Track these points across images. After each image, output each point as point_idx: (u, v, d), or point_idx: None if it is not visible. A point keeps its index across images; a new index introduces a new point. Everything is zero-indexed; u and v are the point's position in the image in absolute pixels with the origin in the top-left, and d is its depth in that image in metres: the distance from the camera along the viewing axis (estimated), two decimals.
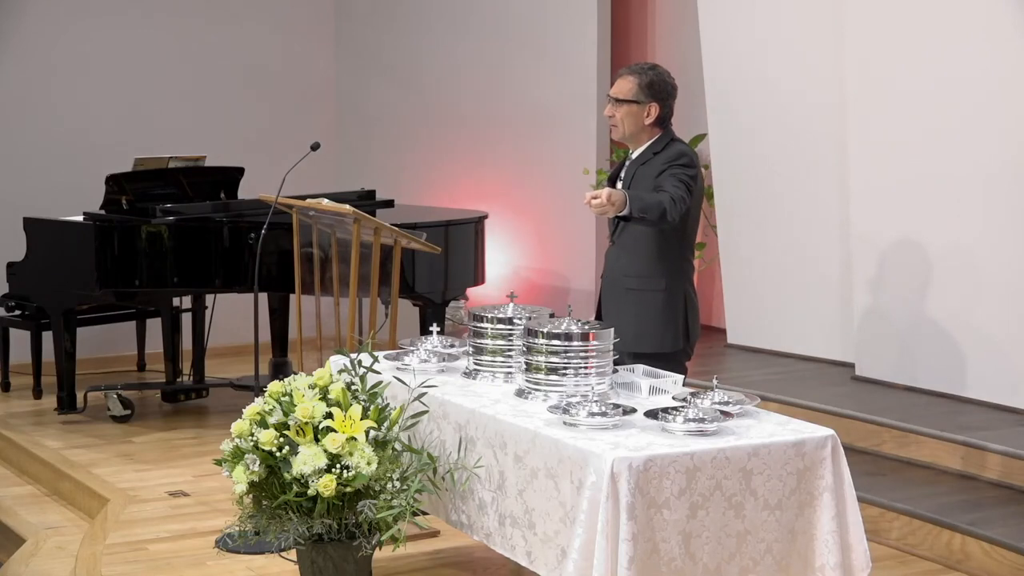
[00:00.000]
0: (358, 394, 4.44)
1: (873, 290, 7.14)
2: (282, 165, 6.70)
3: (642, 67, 5.10)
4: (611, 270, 5.15)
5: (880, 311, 7.11)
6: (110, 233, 7.41)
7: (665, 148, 5.05)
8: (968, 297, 6.66)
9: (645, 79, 5.05)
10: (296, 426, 4.33)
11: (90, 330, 8.39)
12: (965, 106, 6.60)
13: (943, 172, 6.74)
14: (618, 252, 5.12)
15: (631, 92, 5.04)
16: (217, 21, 9.65)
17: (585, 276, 8.98)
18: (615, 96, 5.07)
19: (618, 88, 5.08)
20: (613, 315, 5.05)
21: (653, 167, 5.00)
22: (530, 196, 9.16)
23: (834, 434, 4.06)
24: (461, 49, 9.53)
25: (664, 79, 5.07)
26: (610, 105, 5.10)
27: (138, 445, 7.24)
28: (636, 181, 5.02)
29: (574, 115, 8.96)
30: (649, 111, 5.04)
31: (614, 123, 5.10)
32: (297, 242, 6.50)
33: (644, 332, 5.00)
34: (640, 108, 5.03)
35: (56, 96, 9.14)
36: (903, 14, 6.87)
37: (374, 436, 4.34)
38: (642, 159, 5.07)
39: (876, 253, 7.08)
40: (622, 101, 5.05)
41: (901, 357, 6.99)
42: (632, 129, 5.07)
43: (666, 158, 4.99)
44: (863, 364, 7.21)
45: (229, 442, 4.46)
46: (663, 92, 5.06)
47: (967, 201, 6.64)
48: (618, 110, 5.06)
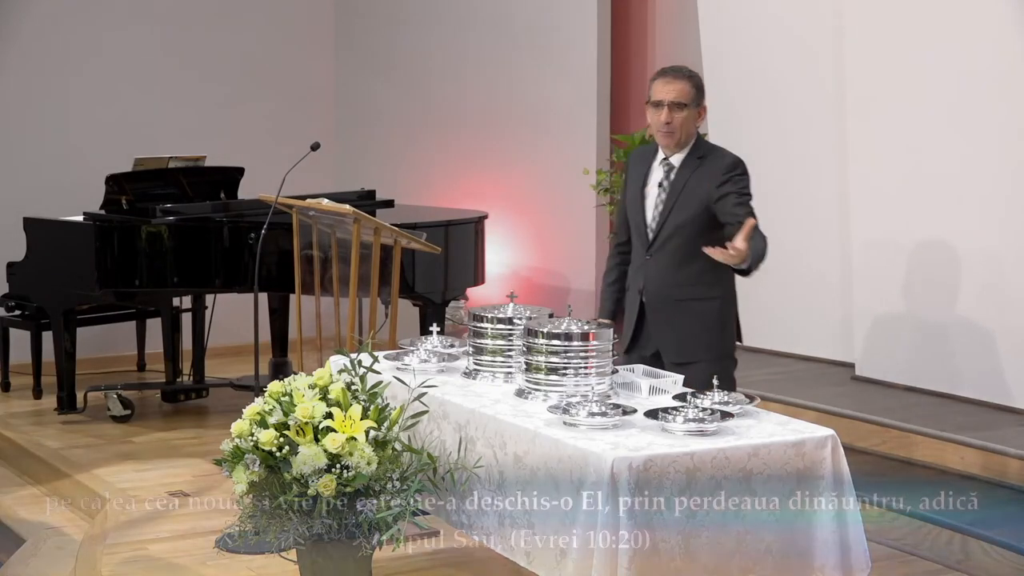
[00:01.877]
0: (358, 394, 4.44)
1: (873, 290, 7.14)
2: (282, 165, 6.70)
3: (685, 70, 4.92)
4: (654, 284, 4.95)
5: (880, 311, 7.11)
6: (110, 233, 7.41)
7: (708, 153, 4.91)
8: (968, 297, 6.66)
9: (697, 82, 4.89)
10: (296, 426, 4.33)
11: (90, 330, 8.39)
12: (966, 106, 6.60)
13: (943, 172, 6.74)
14: (659, 265, 4.93)
15: (689, 95, 4.86)
16: (217, 21, 9.65)
17: (585, 276, 8.98)
18: (677, 101, 4.84)
19: (677, 92, 4.85)
20: (662, 329, 4.94)
21: (706, 176, 4.84)
22: (530, 196, 9.16)
23: (834, 434, 4.06)
24: (461, 49, 9.53)
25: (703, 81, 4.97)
26: (666, 111, 4.84)
27: (138, 445, 7.24)
28: (689, 189, 4.86)
29: (574, 115, 8.96)
30: (700, 114, 4.93)
31: (671, 129, 4.85)
32: (297, 242, 6.50)
33: (702, 341, 4.90)
34: (694, 112, 4.88)
35: (56, 96, 9.14)
36: (903, 14, 6.87)
37: (374, 436, 4.34)
38: (688, 165, 4.90)
39: (876, 253, 7.08)
40: (684, 106, 4.84)
41: (901, 357, 6.99)
42: (688, 134, 4.88)
43: (722, 167, 4.83)
44: (863, 364, 7.21)
45: (229, 442, 4.45)
46: (704, 94, 4.95)
47: (967, 201, 6.64)
48: (679, 115, 4.84)
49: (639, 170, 5.06)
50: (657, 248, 4.95)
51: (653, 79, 4.95)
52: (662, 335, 4.95)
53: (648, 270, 4.98)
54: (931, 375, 6.86)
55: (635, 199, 5.03)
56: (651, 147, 5.07)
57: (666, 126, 4.86)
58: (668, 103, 4.84)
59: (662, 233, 4.92)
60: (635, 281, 5.05)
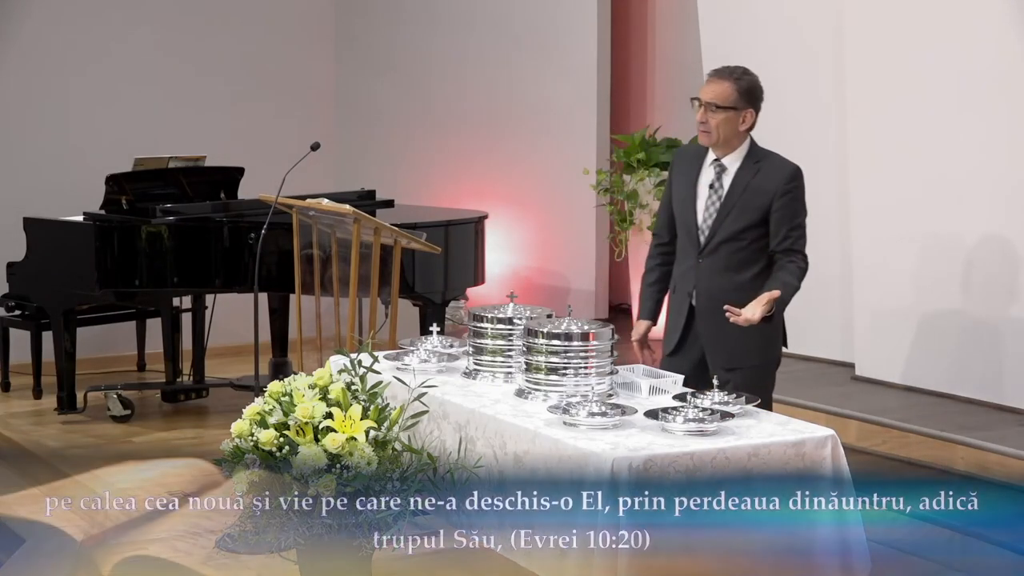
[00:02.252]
0: (358, 394, 4.43)
1: (873, 290, 7.14)
2: (282, 165, 6.69)
3: (736, 71, 4.85)
4: (706, 288, 4.87)
5: (880, 311, 7.11)
6: (110, 233, 7.40)
7: (765, 159, 4.85)
8: (969, 297, 6.66)
9: (743, 84, 4.81)
10: (296, 426, 4.33)
11: (90, 330, 8.38)
12: (966, 105, 6.60)
13: (943, 172, 6.74)
14: (711, 269, 4.86)
15: (730, 98, 4.79)
16: (217, 20, 9.65)
17: (585, 276, 8.99)
18: (713, 102, 4.80)
19: (714, 92, 4.81)
20: (713, 334, 4.87)
21: (766, 184, 4.80)
22: (530, 196, 9.16)
23: (834, 434, 4.06)
24: (461, 49, 9.53)
25: (759, 84, 4.87)
26: (703, 110, 4.81)
27: (138, 445, 7.23)
28: (748, 197, 4.81)
29: (574, 115, 8.96)
30: (745, 118, 4.82)
31: (706, 129, 4.82)
32: (297, 242, 6.50)
33: (752, 348, 4.84)
34: (737, 115, 4.80)
35: (56, 96, 9.14)
36: (903, 14, 6.87)
37: (374, 436, 4.34)
38: (746, 170, 4.84)
39: (876, 253, 7.08)
40: (721, 107, 4.79)
41: (901, 357, 6.99)
42: (727, 136, 4.82)
43: (783, 176, 4.81)
44: (863, 364, 7.21)
45: (229, 442, 4.45)
46: (758, 98, 4.86)
47: (968, 200, 6.64)
48: (714, 116, 4.79)
49: (688, 170, 4.98)
50: (709, 252, 4.88)
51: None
52: (712, 340, 4.88)
53: (700, 273, 4.90)
54: (931, 375, 6.85)
55: (687, 199, 4.94)
56: (698, 147, 4.98)
57: (701, 125, 4.83)
58: (704, 102, 4.81)
59: (715, 237, 4.86)
60: (684, 283, 4.96)
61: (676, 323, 4.98)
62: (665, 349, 5.01)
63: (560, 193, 9.01)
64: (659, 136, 8.74)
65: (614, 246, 8.92)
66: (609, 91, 9.02)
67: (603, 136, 8.95)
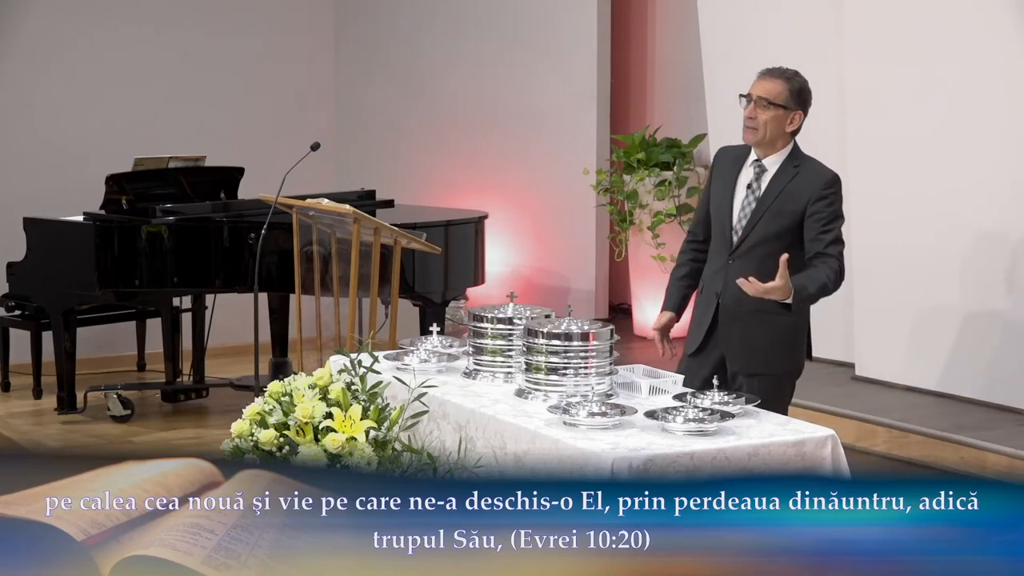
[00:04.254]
0: (358, 394, 4.44)
1: (873, 290, 7.14)
2: (282, 165, 6.69)
3: (788, 71, 4.79)
4: (733, 289, 4.72)
5: (880, 311, 7.11)
6: (110, 233, 7.41)
7: (804, 164, 4.76)
8: (968, 297, 6.66)
9: (795, 85, 4.75)
10: (296, 426, 4.33)
11: (90, 330, 8.38)
12: (965, 105, 6.60)
13: (943, 173, 6.74)
14: (742, 272, 4.68)
15: (781, 96, 4.72)
16: (217, 21, 9.64)
17: (585, 276, 8.99)
18: (765, 97, 4.72)
19: (766, 89, 4.73)
20: (734, 337, 4.80)
21: (803, 188, 4.70)
22: (530, 196, 9.16)
23: (834, 434, 4.06)
24: (461, 49, 9.53)
25: (809, 88, 4.80)
26: (752, 106, 4.73)
27: (138, 445, 7.23)
28: (783, 200, 4.71)
29: (574, 115, 8.96)
30: (793, 119, 4.74)
31: (754, 125, 4.73)
32: (297, 242, 6.50)
33: (771, 355, 4.78)
34: (786, 115, 4.72)
35: (56, 96, 9.13)
36: (902, 14, 6.87)
37: (374, 436, 4.34)
38: (784, 173, 4.75)
39: (876, 254, 7.08)
40: (772, 104, 4.71)
41: (901, 357, 6.99)
42: (773, 135, 4.73)
43: (821, 182, 4.70)
44: (863, 364, 7.21)
45: (229, 442, 4.46)
46: (808, 101, 4.78)
47: (968, 200, 6.64)
48: (764, 113, 4.70)
49: (728, 169, 4.89)
50: (741, 254, 4.79)
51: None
52: (732, 343, 4.81)
53: (729, 274, 4.78)
54: (931, 375, 6.86)
55: (724, 198, 4.85)
56: (742, 147, 4.90)
57: (749, 120, 4.74)
58: (755, 97, 4.73)
59: (748, 239, 4.77)
60: (712, 284, 4.88)
61: (700, 324, 4.89)
62: (687, 349, 4.95)
63: (560, 193, 9.01)
64: (659, 136, 8.74)
65: (614, 246, 8.93)
66: (609, 91, 9.02)
67: (603, 136, 8.95)
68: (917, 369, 6.91)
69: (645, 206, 8.52)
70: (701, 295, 4.95)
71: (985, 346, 6.60)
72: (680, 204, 8.48)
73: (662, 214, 8.47)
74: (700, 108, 8.28)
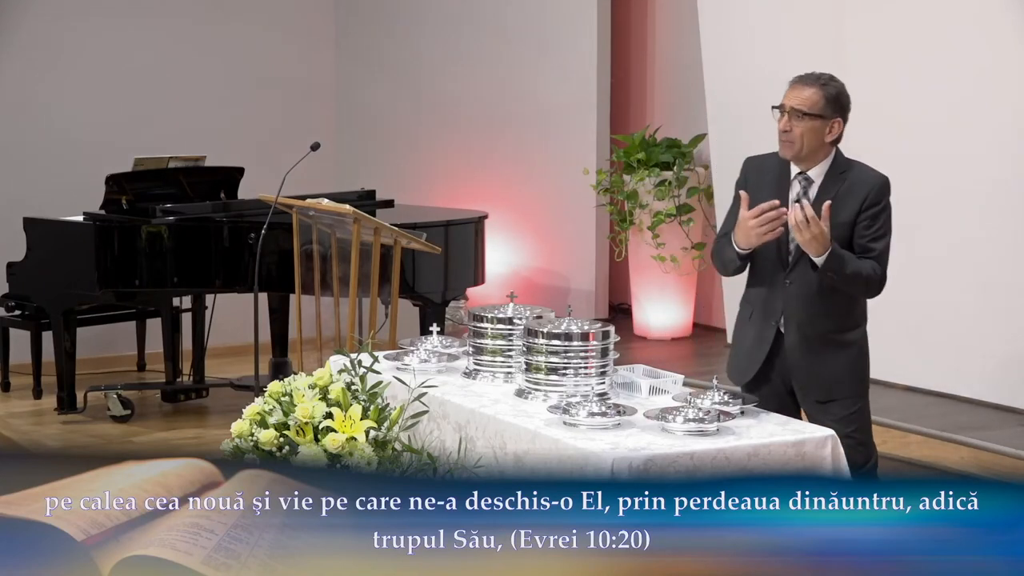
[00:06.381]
0: (358, 394, 4.44)
1: None
2: (282, 165, 6.69)
3: (822, 77, 4.52)
4: (796, 313, 4.52)
5: (879, 311, 7.10)
6: (110, 233, 7.41)
7: (850, 169, 4.52)
8: (968, 297, 6.66)
9: (831, 91, 4.48)
10: (296, 426, 4.33)
11: (90, 330, 8.38)
12: (964, 106, 6.60)
13: (942, 173, 6.74)
14: (801, 291, 4.50)
15: (816, 106, 4.45)
16: (217, 20, 9.65)
17: (585, 276, 8.99)
18: (799, 108, 4.45)
19: (800, 99, 4.47)
20: (806, 367, 4.55)
21: (852, 194, 4.48)
22: (530, 196, 9.16)
23: (834, 434, 4.06)
24: (461, 49, 9.53)
25: (846, 92, 4.54)
26: (786, 118, 4.46)
27: (138, 445, 7.23)
28: (837, 203, 4.46)
29: (574, 115, 8.96)
30: (832, 128, 4.49)
31: (790, 139, 4.46)
32: (297, 242, 6.50)
33: (845, 378, 4.55)
34: (823, 124, 4.47)
35: (56, 96, 9.13)
36: (903, 14, 6.87)
37: (374, 436, 4.34)
38: (831, 182, 4.50)
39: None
40: (807, 114, 4.45)
41: (901, 357, 6.99)
42: (811, 148, 4.47)
43: (870, 188, 4.49)
44: None
45: (229, 442, 4.46)
46: (846, 107, 4.53)
47: (967, 201, 6.64)
48: (799, 124, 4.44)
49: (770, 182, 4.58)
50: (799, 273, 4.51)
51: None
52: (806, 375, 4.54)
53: (788, 295, 4.52)
54: (930, 375, 6.86)
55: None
56: (770, 156, 4.63)
57: (783, 134, 4.48)
58: (789, 109, 4.48)
59: (806, 255, 4.46)
60: (769, 309, 4.57)
61: (756, 352, 4.60)
62: (738, 378, 4.68)
63: (560, 193, 9.01)
64: (659, 136, 8.74)
65: (614, 246, 8.93)
66: (609, 91, 9.02)
67: (603, 136, 8.95)
68: (917, 369, 6.91)
69: (645, 206, 8.52)
70: (750, 321, 4.65)
71: (984, 346, 6.60)
72: (680, 204, 8.48)
73: (662, 214, 8.47)
74: (700, 108, 8.28)
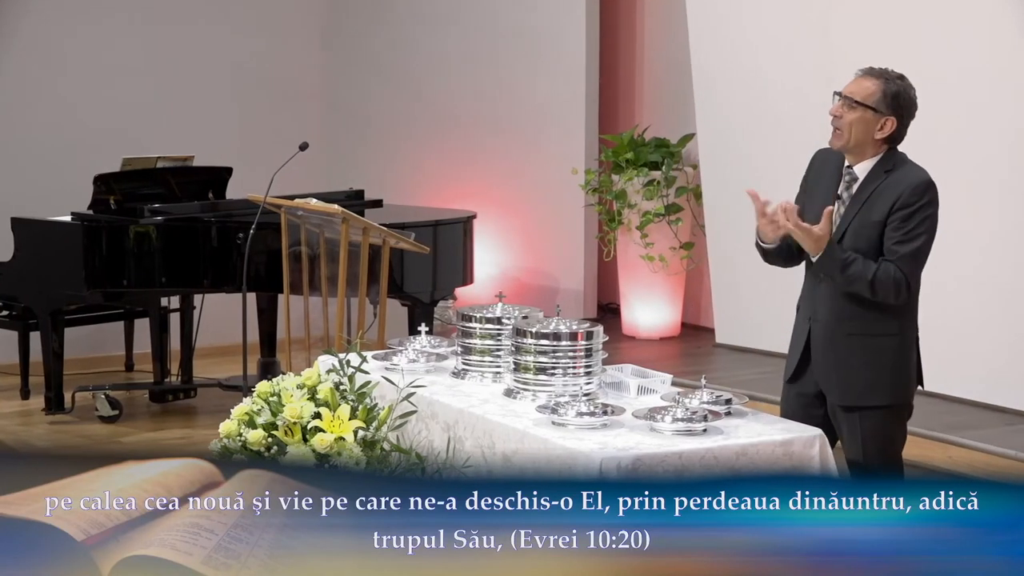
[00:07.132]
0: (346, 394, 4.43)
1: None
2: (270, 165, 6.68)
3: (888, 72, 4.33)
4: (824, 312, 4.38)
5: None
6: (98, 233, 7.39)
7: (898, 167, 4.33)
8: (965, 297, 6.67)
9: (891, 88, 4.28)
10: (284, 426, 4.33)
11: (78, 330, 8.36)
12: (959, 103, 6.60)
13: (940, 173, 6.72)
14: (830, 292, 4.34)
15: (872, 97, 4.27)
16: (205, 20, 9.63)
17: (574, 276, 8.99)
18: (851, 96, 4.29)
19: (855, 87, 4.31)
20: (830, 363, 4.37)
21: (890, 191, 4.30)
22: (519, 196, 9.16)
23: (822, 434, 4.07)
24: (451, 48, 9.52)
25: (910, 94, 4.32)
26: (839, 104, 4.32)
27: (126, 446, 7.22)
28: (867, 206, 4.31)
29: (564, 114, 8.96)
30: (884, 125, 4.29)
31: (838, 125, 4.32)
32: (285, 242, 6.50)
33: (872, 384, 4.33)
34: (875, 118, 4.28)
35: (44, 96, 9.11)
36: (891, 13, 6.88)
37: (362, 436, 4.33)
38: (874, 177, 4.33)
39: None
40: (858, 104, 4.28)
41: None
42: (859, 139, 4.31)
43: (906, 187, 4.29)
44: None
45: (217, 442, 4.45)
46: (905, 108, 4.32)
47: (963, 201, 6.63)
48: (849, 113, 4.29)
49: (824, 172, 4.51)
50: None
51: None
52: (826, 373, 4.39)
53: (819, 294, 4.39)
54: (928, 375, 6.84)
55: (815, 211, 4.36)
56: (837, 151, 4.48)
57: (834, 119, 4.33)
58: (843, 96, 4.32)
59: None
60: (806, 306, 4.46)
61: (796, 348, 4.49)
62: (785, 374, 4.56)
63: (549, 193, 9.01)
64: (648, 136, 8.74)
65: (603, 246, 8.93)
66: (598, 91, 9.02)
67: (592, 136, 8.95)
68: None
69: (634, 206, 8.52)
70: (797, 315, 4.55)
71: (981, 346, 6.60)
72: (669, 204, 8.48)
73: (651, 214, 8.47)
74: (689, 108, 8.28)
